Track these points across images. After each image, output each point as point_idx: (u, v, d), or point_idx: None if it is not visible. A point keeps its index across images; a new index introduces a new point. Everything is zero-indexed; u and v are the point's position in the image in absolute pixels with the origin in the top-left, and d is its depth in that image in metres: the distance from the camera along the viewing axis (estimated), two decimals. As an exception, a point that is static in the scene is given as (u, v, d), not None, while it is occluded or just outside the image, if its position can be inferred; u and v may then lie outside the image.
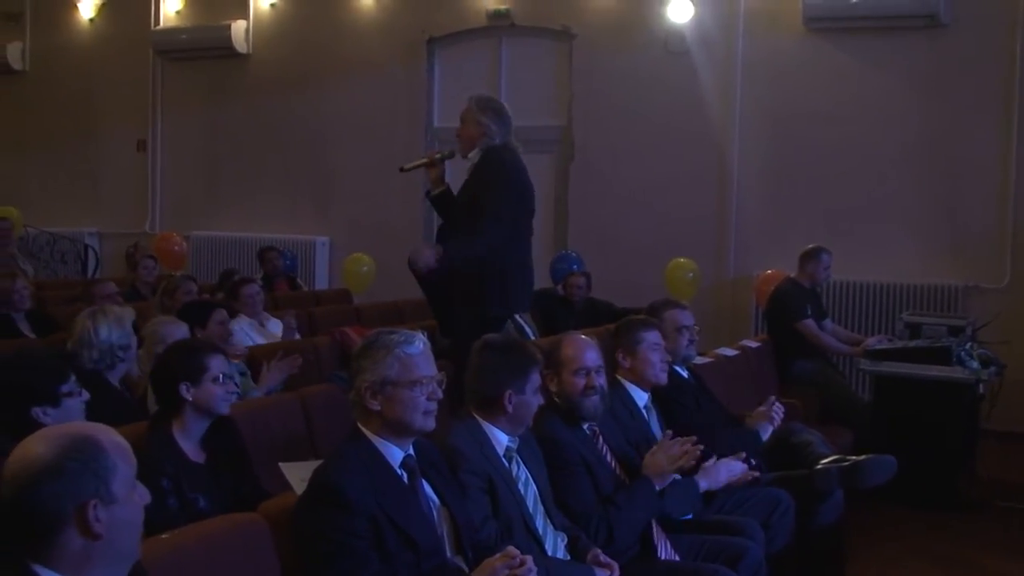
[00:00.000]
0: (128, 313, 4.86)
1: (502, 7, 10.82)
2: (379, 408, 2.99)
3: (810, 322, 7.47)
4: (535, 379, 3.56)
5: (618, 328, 4.78)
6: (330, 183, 11.82)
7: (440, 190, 5.58)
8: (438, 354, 5.30)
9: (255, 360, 5.63)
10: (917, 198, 9.31)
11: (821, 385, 7.25)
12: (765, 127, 9.82)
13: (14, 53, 13.37)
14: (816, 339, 7.46)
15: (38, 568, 1.99)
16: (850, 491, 4.98)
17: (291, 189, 12.04)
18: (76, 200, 13.09)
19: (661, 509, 3.93)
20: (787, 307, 7.53)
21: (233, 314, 6.35)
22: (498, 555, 2.90)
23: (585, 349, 3.98)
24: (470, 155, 5.38)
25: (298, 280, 10.73)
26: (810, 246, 7.81)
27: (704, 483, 4.23)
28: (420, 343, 3.06)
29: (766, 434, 4.88)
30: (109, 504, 2.02)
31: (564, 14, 10.56)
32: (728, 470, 4.26)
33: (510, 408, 3.49)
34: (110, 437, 2.10)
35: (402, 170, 5.58)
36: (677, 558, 3.89)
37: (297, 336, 6.89)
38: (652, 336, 4.64)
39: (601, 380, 3.97)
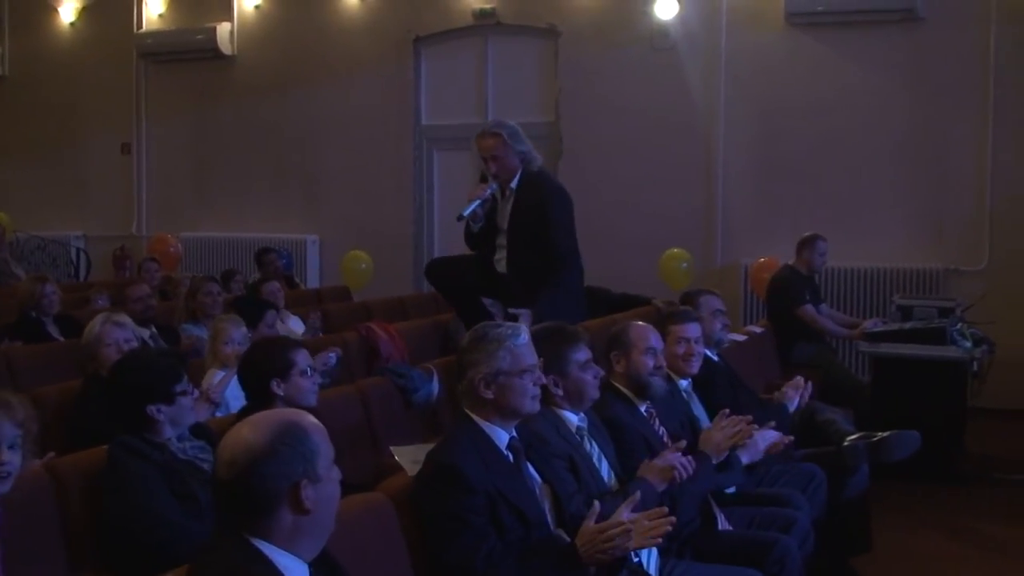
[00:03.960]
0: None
1: (487, 6, 11.04)
2: (492, 396, 3.23)
3: (809, 307, 7.78)
4: (576, 357, 3.75)
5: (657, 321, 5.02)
6: (319, 182, 11.97)
7: (481, 225, 5.82)
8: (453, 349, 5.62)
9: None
10: (898, 186, 9.66)
11: (821, 367, 7.53)
12: (749, 120, 10.13)
13: (-7, 57, 13.39)
14: (815, 323, 7.77)
15: (255, 541, 2.19)
16: (876, 466, 5.29)
17: (280, 189, 12.17)
18: (62, 204, 13.11)
19: (717, 483, 4.19)
20: (786, 294, 7.83)
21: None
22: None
23: (649, 332, 4.27)
24: (511, 183, 5.69)
25: (296, 279, 10.88)
26: (806, 234, 8.12)
27: (745, 457, 4.47)
28: (525, 335, 3.30)
29: (792, 407, 5.13)
30: (315, 482, 2.22)
31: (549, 12, 10.80)
32: (764, 439, 4.49)
33: (558, 391, 3.73)
34: (310, 421, 2.30)
35: (460, 219, 5.76)
36: (731, 528, 4.17)
37: (320, 334, 7.07)
38: (677, 330, 4.85)
39: (663, 361, 4.25)
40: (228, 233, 12.22)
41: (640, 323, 4.34)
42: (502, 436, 3.25)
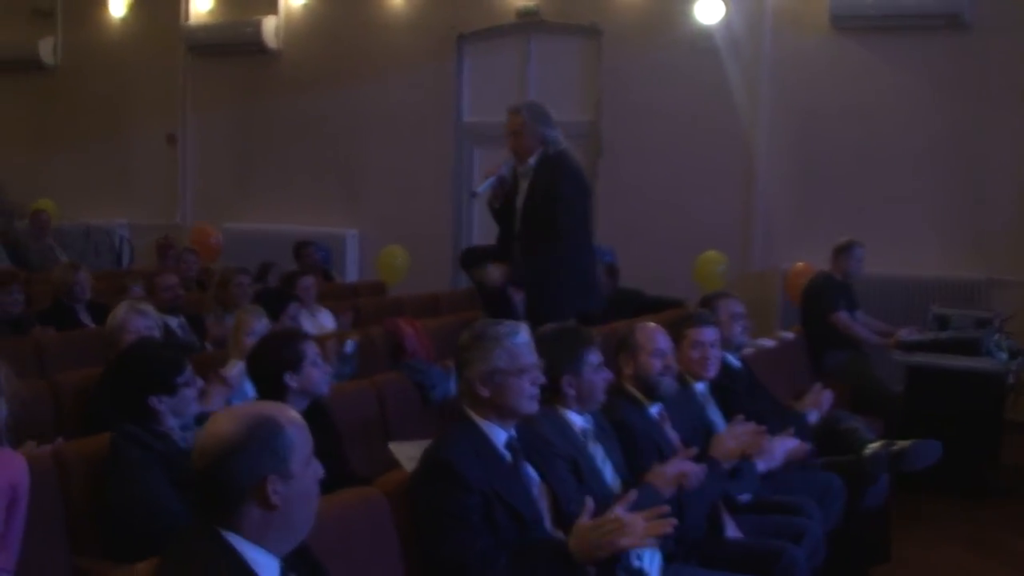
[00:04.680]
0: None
1: (531, 4, 11.01)
2: (488, 395, 3.22)
3: (843, 314, 7.68)
4: (591, 359, 3.75)
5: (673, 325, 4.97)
6: (359, 177, 12.03)
7: (502, 202, 5.80)
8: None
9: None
10: (941, 193, 9.50)
11: (853, 375, 7.43)
12: (791, 124, 10.01)
13: (46, 49, 13.59)
14: (849, 330, 7.67)
15: (226, 533, 2.19)
16: (896, 476, 5.21)
17: (321, 183, 12.24)
18: (107, 193, 13.30)
19: (726, 489, 4.15)
20: (820, 300, 7.73)
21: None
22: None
23: (657, 333, 4.24)
24: (530, 161, 5.66)
25: (333, 273, 10.93)
26: (843, 240, 8.01)
27: (762, 464, 4.44)
28: (524, 334, 3.28)
29: (813, 419, 5.08)
30: (287, 479, 2.21)
31: (592, 11, 10.75)
32: (783, 447, 4.45)
33: (571, 391, 3.72)
34: (288, 416, 2.29)
35: (475, 195, 5.80)
36: (741, 536, 4.13)
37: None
38: (692, 334, 4.80)
39: (672, 362, 4.22)
40: (269, 225, 12.30)
41: (648, 324, 4.30)
42: (500, 435, 3.24)
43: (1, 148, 14.01)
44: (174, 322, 6.66)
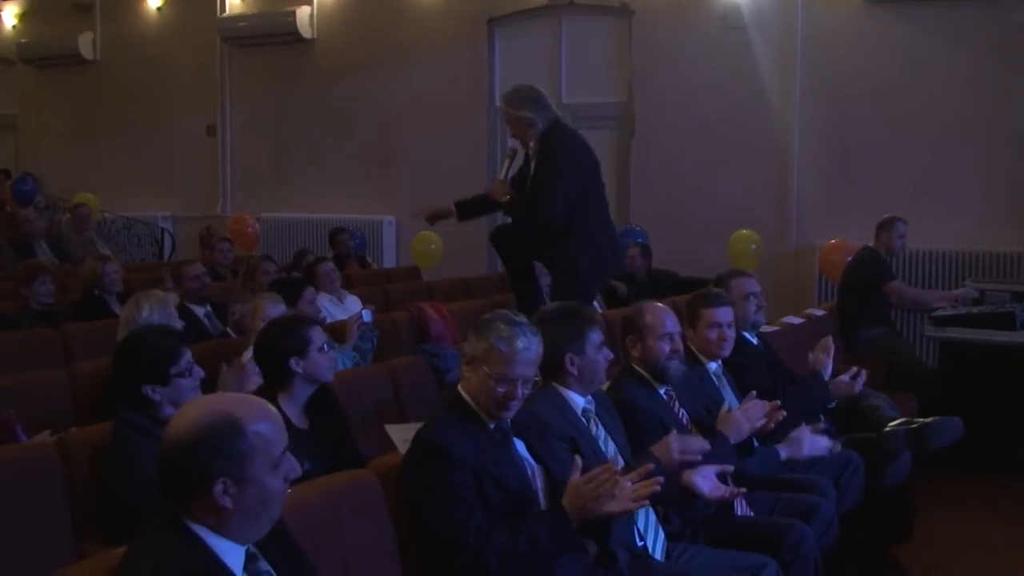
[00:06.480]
0: (171, 297, 5.25)
1: (561, -14, 10.99)
2: (470, 380, 3.24)
3: (898, 282, 7.68)
4: (594, 338, 3.72)
5: (688, 304, 4.92)
6: (395, 164, 12.07)
7: (507, 197, 5.75)
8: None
9: (338, 332, 5.89)
10: (978, 167, 9.34)
11: (887, 352, 7.33)
12: (824, 100, 9.89)
13: (85, 43, 13.81)
14: (904, 295, 7.73)
15: (188, 521, 2.17)
16: (918, 454, 5.14)
17: (357, 170, 12.31)
18: (149, 185, 13.49)
19: (741, 467, 4.10)
20: (872, 271, 7.63)
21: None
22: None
23: (666, 316, 4.17)
24: (531, 145, 5.63)
25: (368, 259, 10.98)
26: (885, 216, 7.89)
27: (785, 452, 4.39)
28: (526, 340, 3.21)
29: (827, 373, 4.98)
30: (241, 482, 2.15)
31: (622, -9, 10.71)
32: (812, 444, 4.39)
33: (573, 370, 3.69)
34: (257, 416, 2.21)
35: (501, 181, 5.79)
36: (752, 514, 4.09)
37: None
38: (708, 314, 4.74)
39: (680, 345, 4.18)
40: (307, 214, 12.41)
41: (656, 305, 4.24)
42: (491, 415, 3.24)
43: (43, 142, 14.29)
44: (200, 311, 6.72)
